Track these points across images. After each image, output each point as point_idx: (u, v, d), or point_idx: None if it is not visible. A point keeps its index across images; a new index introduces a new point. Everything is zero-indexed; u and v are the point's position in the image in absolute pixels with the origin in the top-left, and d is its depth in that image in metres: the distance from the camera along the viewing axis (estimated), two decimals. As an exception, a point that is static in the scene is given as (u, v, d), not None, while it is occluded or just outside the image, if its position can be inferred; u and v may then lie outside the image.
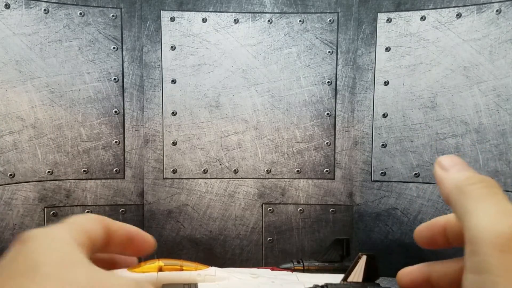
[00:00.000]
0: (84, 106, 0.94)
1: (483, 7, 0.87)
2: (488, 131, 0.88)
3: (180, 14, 0.96)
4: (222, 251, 1.00)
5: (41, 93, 0.91)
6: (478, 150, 0.89)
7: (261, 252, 1.01)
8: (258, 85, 0.98)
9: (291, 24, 0.97)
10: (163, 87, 0.97)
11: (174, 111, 0.98)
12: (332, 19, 0.97)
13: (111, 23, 0.94)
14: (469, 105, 0.89)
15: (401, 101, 0.95)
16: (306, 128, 0.99)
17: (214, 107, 0.98)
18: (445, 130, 0.92)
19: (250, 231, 1.00)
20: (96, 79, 0.94)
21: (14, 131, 0.89)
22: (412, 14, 0.93)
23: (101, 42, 0.94)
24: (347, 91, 0.98)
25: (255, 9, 0.97)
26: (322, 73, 0.98)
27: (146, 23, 0.95)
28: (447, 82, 0.91)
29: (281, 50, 0.97)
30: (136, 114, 0.97)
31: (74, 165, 0.95)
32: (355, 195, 0.99)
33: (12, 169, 0.90)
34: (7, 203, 0.89)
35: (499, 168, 0.87)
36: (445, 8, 0.90)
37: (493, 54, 0.86)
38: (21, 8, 0.88)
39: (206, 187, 1.00)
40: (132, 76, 0.96)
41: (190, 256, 1.00)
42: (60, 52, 0.91)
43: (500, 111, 0.86)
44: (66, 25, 0.91)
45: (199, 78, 0.97)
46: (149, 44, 0.96)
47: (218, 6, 0.96)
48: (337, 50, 0.97)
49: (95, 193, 0.97)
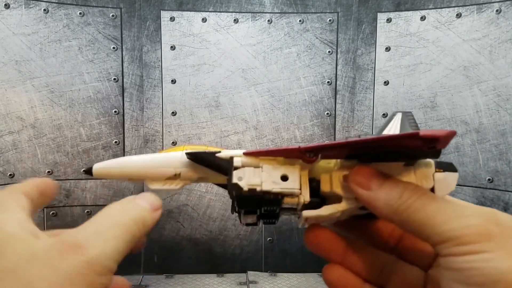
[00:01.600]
0: (83, 106, 0.94)
1: (483, 7, 0.87)
2: (488, 131, 0.88)
3: (180, 14, 0.96)
4: (222, 251, 1.00)
5: (41, 93, 0.91)
6: (478, 150, 0.89)
7: (261, 252, 1.00)
8: (258, 85, 0.98)
9: (291, 24, 0.97)
10: (163, 87, 0.97)
11: (174, 111, 0.98)
12: (332, 19, 0.97)
13: (111, 23, 0.94)
14: (469, 105, 0.89)
15: (401, 101, 0.95)
16: (306, 128, 0.99)
17: (214, 107, 0.98)
18: (445, 130, 0.92)
19: (250, 231, 1.00)
20: (95, 79, 0.94)
21: (13, 131, 0.89)
22: (412, 14, 0.93)
23: (101, 42, 0.94)
24: (347, 91, 0.98)
25: (255, 9, 0.96)
26: (322, 73, 0.98)
27: (146, 23, 0.95)
28: (447, 82, 0.91)
29: (281, 50, 0.97)
30: (136, 114, 0.97)
31: (74, 165, 0.95)
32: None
33: (12, 169, 0.89)
34: (7, 203, 0.89)
35: (499, 167, 0.87)
36: (445, 8, 0.90)
37: (493, 54, 0.86)
38: (20, 8, 0.88)
39: (206, 187, 0.99)
40: (131, 76, 0.96)
41: (190, 256, 1.00)
42: (60, 52, 0.91)
43: (500, 111, 0.86)
44: (65, 25, 0.91)
45: (199, 78, 0.97)
46: (149, 44, 0.96)
47: (218, 6, 0.96)
48: (337, 50, 0.97)
49: (95, 193, 0.96)
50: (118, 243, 0.21)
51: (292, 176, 0.27)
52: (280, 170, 0.27)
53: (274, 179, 0.27)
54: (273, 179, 0.27)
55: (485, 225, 0.21)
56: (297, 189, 0.27)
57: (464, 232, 0.21)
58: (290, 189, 0.27)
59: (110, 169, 0.29)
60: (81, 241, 0.20)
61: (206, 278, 0.96)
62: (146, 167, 0.29)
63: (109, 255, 0.21)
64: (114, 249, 0.21)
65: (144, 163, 0.29)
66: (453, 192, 0.28)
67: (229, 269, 0.99)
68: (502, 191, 0.86)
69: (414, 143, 0.23)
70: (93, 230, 0.21)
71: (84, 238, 0.21)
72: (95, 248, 0.20)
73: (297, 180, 0.27)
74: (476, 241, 0.21)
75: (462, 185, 0.90)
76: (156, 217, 0.25)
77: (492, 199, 0.87)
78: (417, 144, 0.23)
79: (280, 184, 0.27)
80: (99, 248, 0.20)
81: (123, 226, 0.22)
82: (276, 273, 0.98)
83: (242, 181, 0.28)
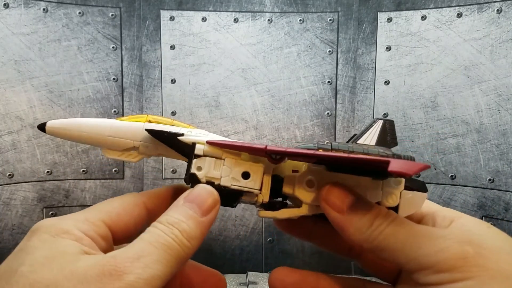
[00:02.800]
0: (83, 106, 0.94)
1: (483, 6, 0.86)
2: (489, 131, 0.87)
3: (180, 14, 0.96)
4: (221, 252, 1.00)
5: (40, 92, 0.90)
6: (479, 150, 0.88)
7: (261, 253, 1.00)
8: (258, 85, 0.97)
9: (291, 23, 0.96)
10: (163, 87, 0.96)
11: (174, 111, 0.97)
12: (332, 19, 0.96)
13: (110, 22, 0.94)
14: (470, 104, 0.89)
15: (402, 100, 0.95)
16: (306, 128, 0.98)
17: (213, 107, 0.97)
18: (446, 130, 0.92)
19: (250, 232, 1.00)
20: (95, 79, 0.94)
21: (13, 131, 0.89)
22: (412, 13, 0.93)
23: (100, 41, 0.93)
24: (347, 91, 0.97)
25: (255, 8, 0.96)
26: (323, 72, 0.97)
27: (146, 23, 0.95)
28: (448, 82, 0.91)
29: (281, 50, 0.97)
30: (135, 114, 0.97)
31: (73, 165, 0.94)
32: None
33: (11, 169, 0.89)
34: (6, 203, 0.89)
35: (500, 168, 0.86)
36: (445, 8, 0.90)
37: (494, 53, 0.86)
38: (20, 8, 0.87)
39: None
40: (131, 75, 0.96)
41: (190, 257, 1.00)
42: (59, 52, 0.91)
43: (501, 111, 0.86)
44: (65, 25, 0.91)
45: (198, 77, 0.97)
46: (148, 44, 0.95)
47: (217, 5, 0.96)
48: (337, 50, 0.97)
49: (94, 193, 0.96)
50: (159, 267, 0.21)
51: (254, 175, 0.26)
52: (243, 167, 0.26)
53: (235, 175, 0.26)
54: (234, 175, 0.26)
55: (458, 248, 0.20)
56: (257, 189, 0.26)
57: (439, 258, 0.20)
58: (250, 188, 0.26)
59: (65, 129, 0.27)
60: (120, 267, 0.20)
61: (206, 278, 0.96)
62: (104, 134, 0.27)
63: (149, 280, 0.20)
64: (155, 273, 0.20)
65: (103, 129, 0.28)
66: (454, 192, 0.27)
67: (229, 270, 0.99)
68: (503, 191, 0.86)
69: (382, 167, 0.22)
70: (134, 254, 0.21)
71: (123, 263, 0.20)
72: (133, 274, 0.20)
73: (259, 179, 0.26)
74: (454, 268, 0.20)
75: (463, 185, 0.90)
76: (207, 223, 0.24)
77: (493, 199, 0.87)
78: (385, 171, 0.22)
79: (240, 181, 0.26)
80: (138, 274, 0.20)
81: (166, 248, 0.21)
82: (276, 274, 0.98)
83: (201, 172, 0.26)
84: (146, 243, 0.22)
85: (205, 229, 0.24)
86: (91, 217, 0.24)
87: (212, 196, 0.25)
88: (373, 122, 0.29)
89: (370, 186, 0.26)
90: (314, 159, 0.26)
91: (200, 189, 0.25)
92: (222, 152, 0.26)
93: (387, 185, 0.27)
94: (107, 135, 0.27)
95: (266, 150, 0.25)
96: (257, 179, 0.26)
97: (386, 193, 0.26)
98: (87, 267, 0.20)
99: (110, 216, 0.25)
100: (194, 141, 0.27)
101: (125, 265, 0.20)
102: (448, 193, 0.91)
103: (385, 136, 0.29)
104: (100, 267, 0.20)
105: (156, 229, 0.23)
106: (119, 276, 0.19)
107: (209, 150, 0.26)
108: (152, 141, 0.27)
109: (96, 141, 0.27)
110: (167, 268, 0.21)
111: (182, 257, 0.22)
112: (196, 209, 0.24)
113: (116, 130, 0.27)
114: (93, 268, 0.20)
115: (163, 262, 0.21)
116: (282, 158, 0.26)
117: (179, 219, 0.23)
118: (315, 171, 0.27)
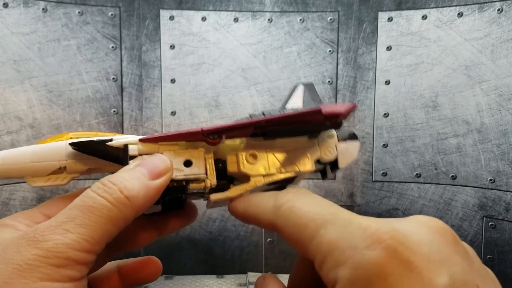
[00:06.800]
0: (82, 105, 0.93)
1: (484, 6, 0.86)
2: (490, 130, 0.87)
3: (180, 13, 0.95)
4: (221, 252, 1.00)
5: (39, 92, 0.90)
6: (480, 150, 0.88)
7: (261, 253, 1.00)
8: (258, 85, 0.97)
9: (291, 23, 0.96)
10: (162, 87, 0.96)
11: (173, 111, 0.97)
12: (332, 18, 0.96)
13: (109, 22, 0.93)
14: (470, 104, 0.89)
15: (402, 100, 0.94)
16: (307, 128, 0.98)
17: (213, 106, 0.97)
18: (447, 130, 0.91)
19: (250, 232, 0.99)
20: (94, 79, 0.94)
21: (12, 131, 0.88)
22: (413, 13, 0.92)
23: (100, 41, 0.93)
24: (348, 91, 0.97)
25: (255, 8, 0.96)
26: (323, 72, 0.97)
27: (145, 22, 0.95)
28: (448, 82, 0.90)
29: (281, 49, 0.96)
30: (135, 113, 0.96)
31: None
32: (356, 196, 0.99)
33: (10, 169, 0.89)
34: (5, 204, 0.89)
35: (501, 168, 0.86)
36: (446, 7, 0.90)
37: (495, 53, 0.85)
38: (19, 7, 0.87)
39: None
40: (131, 75, 0.95)
41: (190, 257, 1.00)
42: (59, 51, 0.91)
43: (502, 111, 0.85)
44: (64, 24, 0.91)
45: (198, 77, 0.96)
46: (148, 43, 0.95)
47: (217, 5, 0.95)
48: (337, 49, 0.96)
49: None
50: (84, 231, 0.20)
51: (196, 160, 0.25)
52: (183, 156, 0.25)
53: (177, 165, 0.25)
54: (176, 166, 0.25)
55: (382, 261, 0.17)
56: (203, 174, 0.25)
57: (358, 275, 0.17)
58: (195, 175, 0.25)
59: None
60: (38, 236, 0.19)
61: (206, 279, 0.96)
62: (26, 161, 0.25)
63: (73, 245, 0.19)
64: (79, 237, 0.19)
65: (23, 156, 0.25)
66: (455, 192, 0.27)
67: (229, 270, 0.99)
68: (503, 191, 0.86)
69: (316, 118, 0.23)
70: (56, 222, 0.20)
71: (41, 232, 0.20)
72: (52, 241, 0.19)
73: (202, 164, 0.26)
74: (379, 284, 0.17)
75: (463, 185, 0.90)
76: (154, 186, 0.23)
77: (493, 200, 0.87)
78: (320, 119, 0.23)
79: (184, 170, 0.25)
80: (57, 240, 0.19)
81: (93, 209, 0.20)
82: (277, 274, 0.98)
83: None
84: (72, 209, 0.21)
85: (151, 193, 0.22)
86: (27, 212, 0.24)
87: (165, 163, 0.24)
88: (294, 88, 0.30)
89: (308, 145, 0.28)
90: (251, 128, 0.26)
91: (153, 156, 0.24)
92: (158, 147, 0.26)
93: (322, 140, 0.28)
94: (28, 162, 0.25)
95: (202, 131, 0.25)
96: (200, 164, 0.26)
97: (323, 148, 0.28)
98: (8, 240, 0.20)
99: (47, 207, 0.25)
100: (125, 142, 0.25)
101: (43, 233, 0.19)
102: (449, 193, 0.91)
103: (309, 98, 0.30)
104: (19, 239, 0.20)
105: (90, 190, 0.22)
106: (35, 244, 0.19)
107: (144, 148, 0.25)
108: (79, 156, 0.26)
109: (17, 172, 0.25)
110: (97, 231, 0.20)
111: (118, 217, 0.21)
112: (145, 172, 0.23)
113: (38, 154, 0.25)
114: (13, 240, 0.20)
115: (90, 224, 0.20)
116: (220, 138, 0.26)
117: (123, 177, 0.22)
118: (254, 145, 0.27)
